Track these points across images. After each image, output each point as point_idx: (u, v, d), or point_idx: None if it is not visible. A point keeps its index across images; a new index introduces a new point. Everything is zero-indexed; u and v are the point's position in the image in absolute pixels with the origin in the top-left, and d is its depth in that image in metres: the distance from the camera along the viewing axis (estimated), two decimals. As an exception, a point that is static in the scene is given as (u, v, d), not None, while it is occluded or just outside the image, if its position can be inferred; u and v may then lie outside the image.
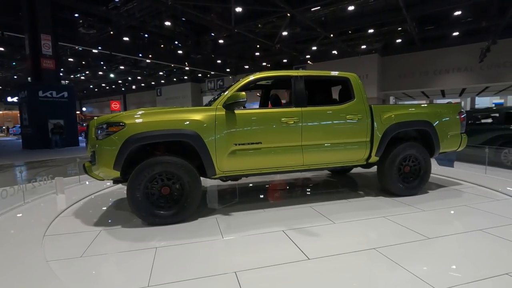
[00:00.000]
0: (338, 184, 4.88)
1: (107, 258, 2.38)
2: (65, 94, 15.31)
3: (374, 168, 4.17)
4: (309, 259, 2.27)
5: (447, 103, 4.67)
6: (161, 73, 29.96)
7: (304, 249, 2.42)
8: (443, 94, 26.90)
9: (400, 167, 3.86)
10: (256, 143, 3.31)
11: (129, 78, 31.84)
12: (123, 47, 22.02)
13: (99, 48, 19.63)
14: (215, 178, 3.41)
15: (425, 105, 4.47)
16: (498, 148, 6.62)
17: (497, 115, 7.32)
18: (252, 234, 2.80)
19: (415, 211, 3.32)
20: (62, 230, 3.00)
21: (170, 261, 2.30)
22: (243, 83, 3.43)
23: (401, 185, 3.84)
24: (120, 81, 33.62)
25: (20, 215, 3.49)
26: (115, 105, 28.73)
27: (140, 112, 3.16)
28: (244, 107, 3.56)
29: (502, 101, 29.38)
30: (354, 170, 5.59)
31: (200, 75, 31.19)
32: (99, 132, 3.09)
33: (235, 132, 3.24)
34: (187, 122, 3.11)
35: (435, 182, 4.65)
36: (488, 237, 2.59)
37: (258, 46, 23.30)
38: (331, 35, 20.45)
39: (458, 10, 16.87)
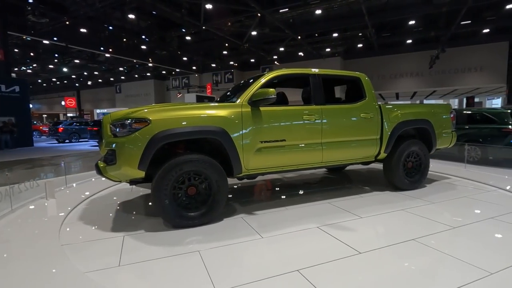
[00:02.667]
0: (341, 180, 5.03)
1: (151, 265, 2.20)
2: (17, 88, 13.72)
3: (370, 165, 4.38)
4: (360, 253, 2.32)
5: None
6: (121, 68, 28.20)
7: (350, 244, 2.48)
8: (397, 97, 29.12)
9: (405, 163, 4.10)
10: (281, 141, 3.30)
11: (85, 73, 29.49)
12: (80, 39, 20.32)
13: (54, 39, 17.87)
14: (237, 177, 3.32)
15: (423, 104, 4.80)
16: (461, 144, 7.31)
17: (460, 116, 8.10)
18: (289, 232, 2.78)
19: (426, 204, 3.56)
20: (78, 239, 2.69)
21: (223, 264, 2.19)
22: (266, 79, 3.39)
23: (406, 180, 4.08)
24: (73, 76, 30.95)
25: (17, 223, 3.06)
26: (70, 102, 26.31)
27: (162, 108, 2.96)
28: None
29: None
30: (348, 167, 5.81)
31: (164, 72, 29.95)
32: (117, 129, 2.83)
33: (261, 130, 3.19)
34: (215, 119, 2.99)
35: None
36: (502, 224, 2.88)
37: (226, 44, 23.07)
38: (299, 37, 20.98)
39: (412, 20, 18.40)
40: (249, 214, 3.30)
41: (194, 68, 28.57)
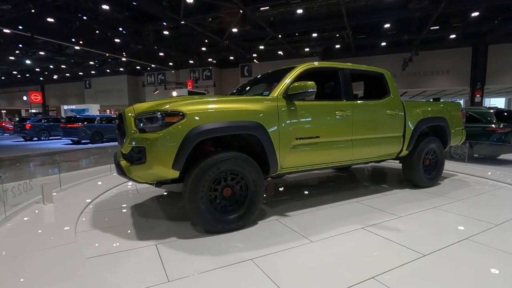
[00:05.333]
0: (353, 179, 4.96)
1: (207, 278, 1.93)
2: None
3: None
4: (425, 255, 2.22)
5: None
6: (92, 62, 26.50)
7: (408, 245, 2.39)
8: (371, 97, 30.16)
9: (423, 161, 4.10)
10: (315, 137, 3.12)
11: (51, 66, 27.30)
12: (47, 29, 18.75)
13: (19, 27, 16.34)
14: (271, 177, 3.10)
15: (439, 102, 4.85)
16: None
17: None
18: (336, 234, 2.63)
19: (452, 201, 3.57)
20: (103, 250, 2.34)
21: (288, 274, 1.98)
22: (298, 72, 3.19)
23: (425, 178, 4.08)
24: (38, 69, 28.55)
25: (19, 233, 2.61)
26: (36, 96, 24.16)
27: (193, 101, 2.65)
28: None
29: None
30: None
31: (138, 67, 28.59)
32: (146, 124, 2.51)
33: (297, 125, 3.00)
34: (252, 113, 2.76)
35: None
36: (540, 219, 2.91)
37: (206, 41, 22.48)
38: (279, 36, 20.93)
39: (387, 23, 19.11)
40: (282, 216, 3.09)
41: (171, 64, 27.59)
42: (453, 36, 21.15)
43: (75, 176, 4.89)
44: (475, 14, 17.16)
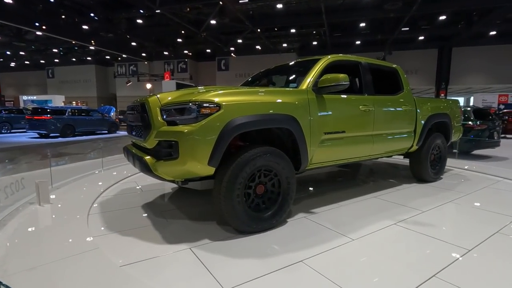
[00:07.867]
0: (358, 174, 4.96)
1: (266, 284, 1.76)
2: None
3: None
4: (469, 250, 2.22)
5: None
6: (55, 50, 24.51)
7: (448, 240, 2.40)
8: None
9: (430, 156, 4.19)
10: (341, 132, 3.04)
11: (8, 53, 24.85)
12: (5, 12, 16.98)
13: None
14: (299, 172, 2.97)
15: (443, 99, 4.97)
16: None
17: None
18: (373, 231, 2.59)
19: (462, 195, 3.69)
20: (132, 257, 2.07)
21: (349, 275, 1.88)
22: (323, 64, 3.07)
23: (431, 172, 4.18)
24: (-8, 55, 25.94)
25: (28, 238, 2.29)
26: (-8, 85, 21.79)
27: (225, 91, 2.44)
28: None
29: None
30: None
31: (108, 57, 26.94)
32: (167, 116, 2.29)
33: (325, 119, 2.89)
34: (286, 106, 2.62)
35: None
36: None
37: (182, 32, 21.67)
38: (258, 30, 20.72)
39: (362, 23, 19.69)
40: (308, 213, 2.99)
41: (143, 55, 26.34)
42: (421, 37, 22.27)
43: (65, 172, 4.41)
44: (442, 17, 18.18)
